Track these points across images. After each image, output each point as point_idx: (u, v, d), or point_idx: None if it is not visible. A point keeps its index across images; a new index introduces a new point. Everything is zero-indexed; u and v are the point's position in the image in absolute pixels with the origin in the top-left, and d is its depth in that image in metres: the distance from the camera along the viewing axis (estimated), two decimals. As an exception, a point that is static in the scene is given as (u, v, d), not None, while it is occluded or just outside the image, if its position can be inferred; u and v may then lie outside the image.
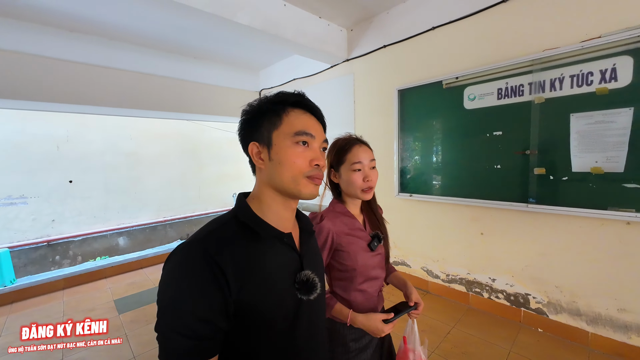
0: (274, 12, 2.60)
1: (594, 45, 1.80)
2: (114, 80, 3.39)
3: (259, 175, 0.63)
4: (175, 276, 0.50)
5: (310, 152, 0.61)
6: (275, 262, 0.59)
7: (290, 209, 0.65)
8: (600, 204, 1.84)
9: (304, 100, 0.63)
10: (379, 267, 1.02)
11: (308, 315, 0.63)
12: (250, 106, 0.63)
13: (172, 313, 0.49)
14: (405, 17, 2.76)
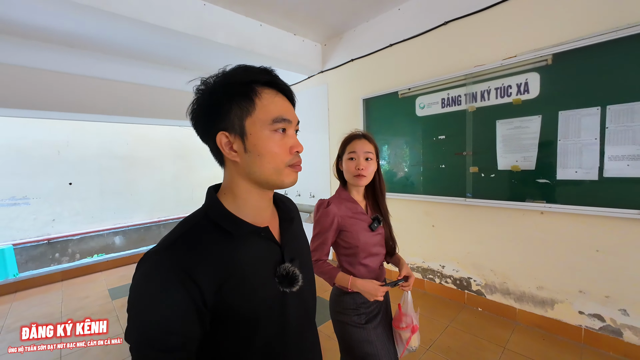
0: (250, 32, 2.94)
1: (511, 63, 2.14)
2: (109, 90, 3.73)
3: (231, 167, 0.57)
4: (142, 287, 0.48)
5: (289, 139, 0.56)
6: (253, 258, 0.56)
7: (267, 198, 0.62)
8: (520, 197, 2.16)
9: (275, 79, 0.56)
10: (379, 245, 1.18)
11: (295, 307, 0.61)
12: (207, 85, 0.54)
13: (141, 326, 0.47)
14: (368, 34, 3.11)
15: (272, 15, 2.94)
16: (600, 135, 1.82)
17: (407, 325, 1.12)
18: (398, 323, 1.15)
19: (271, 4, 2.72)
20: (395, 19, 2.86)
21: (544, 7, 2.00)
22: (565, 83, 1.94)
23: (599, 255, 1.91)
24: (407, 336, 1.13)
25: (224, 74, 0.54)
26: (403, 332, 1.13)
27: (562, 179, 1.98)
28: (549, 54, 1.97)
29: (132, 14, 2.21)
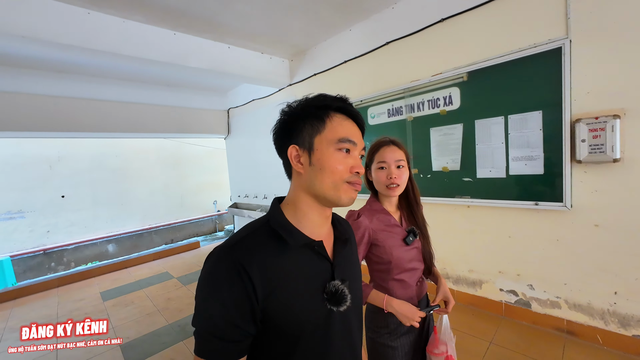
0: (219, 55, 3.28)
1: (438, 79, 2.49)
2: (96, 109, 4.05)
3: (296, 179, 0.62)
4: (207, 280, 0.52)
5: (351, 159, 0.60)
6: (307, 271, 0.58)
7: (325, 215, 0.64)
8: (451, 194, 2.52)
9: (347, 106, 0.62)
10: (415, 260, 1.07)
11: (340, 327, 0.62)
12: (290, 107, 0.62)
13: (204, 314, 0.52)
14: (327, 52, 3.47)
15: (239, 39, 3.28)
16: (505, 140, 2.18)
17: (442, 353, 1.02)
18: (432, 348, 1.04)
19: (236, 31, 3.06)
20: (347, 39, 3.22)
21: (461, 33, 2.36)
22: (478, 96, 2.30)
23: (511, 241, 2.27)
24: None
25: (305, 99, 0.62)
26: (437, 358, 1.03)
27: (480, 177, 2.34)
28: (465, 72, 2.33)
29: (111, 49, 2.54)
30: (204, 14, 2.68)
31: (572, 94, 1.89)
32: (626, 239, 1.79)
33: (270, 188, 4.75)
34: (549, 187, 2.02)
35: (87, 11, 2.42)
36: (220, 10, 2.62)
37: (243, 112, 5.17)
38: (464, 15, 2.32)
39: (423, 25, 2.57)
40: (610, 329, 1.89)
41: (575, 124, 1.84)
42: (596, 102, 1.82)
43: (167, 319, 2.77)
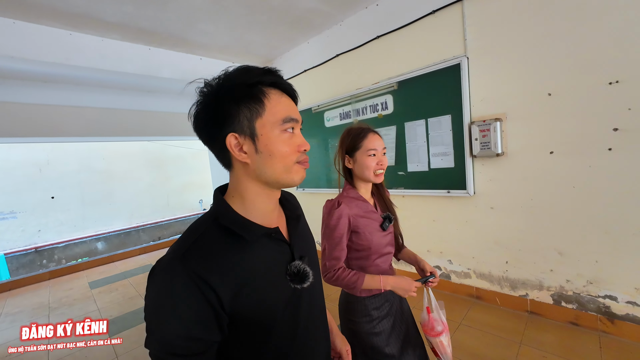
0: (191, 66, 3.65)
1: (376, 87, 2.90)
2: (81, 115, 4.38)
3: (240, 169, 0.56)
4: (161, 295, 0.48)
5: (297, 138, 0.57)
6: (266, 261, 0.56)
7: (275, 198, 0.62)
8: (389, 186, 2.94)
9: (280, 79, 0.57)
10: (389, 245, 1.11)
11: (307, 303, 0.63)
12: (210, 87, 0.54)
13: (161, 334, 0.47)
14: (290, 62, 3.86)
15: (209, 52, 3.65)
16: (427, 139, 2.60)
17: (443, 327, 1.02)
18: (432, 330, 1.03)
19: (205, 45, 3.43)
20: (305, 51, 3.62)
21: (393, 48, 2.77)
22: (406, 102, 2.71)
23: (435, 224, 2.69)
24: (447, 340, 1.03)
25: (227, 76, 0.54)
26: (442, 337, 1.02)
27: (411, 171, 2.76)
28: (395, 82, 2.75)
29: (90, 65, 2.90)
30: (173, 33, 3.05)
31: (471, 101, 2.32)
32: (512, 217, 2.22)
33: (247, 186, 5.13)
34: (458, 178, 2.44)
35: (69, 32, 2.78)
36: (187, 29, 2.99)
37: (222, 116, 5.53)
38: (394, 33, 2.73)
39: (364, 40, 2.98)
40: (505, 292, 2.33)
41: (471, 125, 2.27)
42: (486, 108, 2.25)
43: (147, 301, 3.14)
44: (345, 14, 3.02)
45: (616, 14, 1.70)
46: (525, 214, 2.15)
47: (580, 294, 2.00)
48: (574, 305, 2.03)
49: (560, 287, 2.07)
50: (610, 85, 1.75)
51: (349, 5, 2.85)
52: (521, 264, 2.22)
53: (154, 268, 0.50)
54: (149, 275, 0.50)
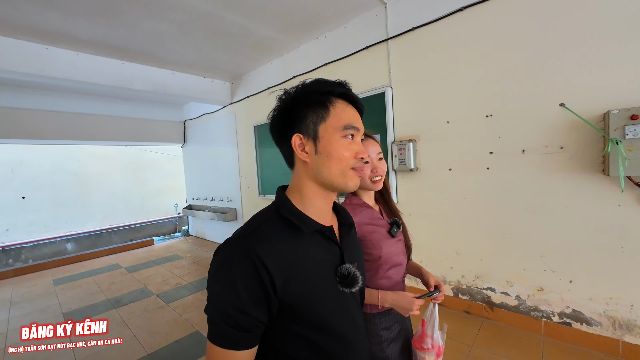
0: (163, 79, 3.96)
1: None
2: (55, 119, 4.58)
3: (301, 168, 0.62)
4: (220, 267, 0.54)
5: (356, 145, 0.61)
6: (318, 256, 0.60)
7: (330, 201, 0.65)
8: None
9: (348, 91, 0.63)
10: (401, 253, 1.03)
11: (353, 307, 0.65)
12: (288, 94, 0.62)
13: (217, 303, 0.53)
14: (256, 79, 4.24)
15: (180, 67, 3.98)
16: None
17: (433, 346, 0.94)
18: (420, 344, 0.96)
19: (175, 61, 3.77)
20: (269, 70, 4.01)
21: (340, 73, 3.18)
22: (346, 122, 3.12)
23: (369, 228, 3.07)
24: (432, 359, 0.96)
25: (304, 85, 0.61)
26: (427, 354, 0.94)
27: (350, 181, 3.15)
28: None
29: (63, 76, 3.17)
30: (144, 50, 3.38)
31: (394, 123, 2.74)
32: (425, 223, 2.63)
33: (218, 191, 5.41)
34: (385, 188, 2.85)
35: (45, 47, 3.06)
36: (156, 47, 3.33)
37: (197, 124, 5.83)
38: (338, 62, 3.16)
39: (316, 66, 3.39)
40: (419, 287, 2.71)
41: (392, 144, 2.69)
42: (404, 130, 2.68)
43: (107, 295, 3.35)
44: (300, 41, 3.43)
45: (492, 62, 2.16)
46: (434, 220, 2.56)
47: (471, 287, 2.40)
48: (467, 296, 2.43)
49: (457, 281, 2.48)
50: (487, 117, 2.20)
51: (301, 35, 3.27)
52: (431, 262, 2.62)
53: (221, 245, 0.56)
54: (215, 252, 0.56)
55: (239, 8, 2.63)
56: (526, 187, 2.07)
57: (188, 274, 3.91)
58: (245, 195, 4.75)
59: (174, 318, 2.72)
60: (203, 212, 5.54)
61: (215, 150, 5.31)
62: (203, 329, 2.49)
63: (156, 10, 2.57)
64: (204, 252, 5.04)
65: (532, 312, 2.12)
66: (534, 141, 2.02)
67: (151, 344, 2.30)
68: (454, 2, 2.28)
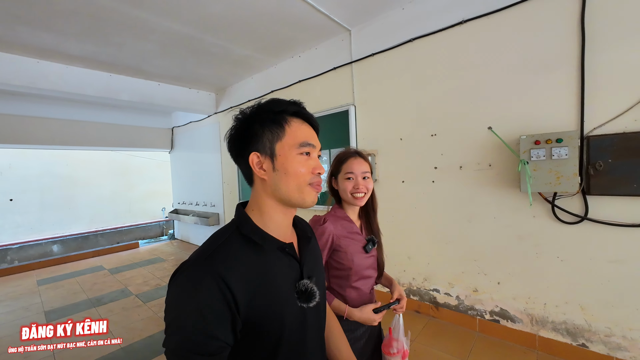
0: (149, 91, 4.19)
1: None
2: (45, 125, 4.77)
3: (260, 185, 0.63)
4: (184, 293, 0.52)
5: (312, 161, 0.63)
6: (280, 273, 0.61)
7: (290, 217, 0.67)
8: (305, 201, 3.56)
9: (302, 109, 0.65)
10: (371, 268, 1.11)
11: (312, 322, 0.66)
12: (243, 114, 0.64)
13: (182, 332, 0.50)
14: (239, 91, 4.50)
15: (166, 79, 4.23)
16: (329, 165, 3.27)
17: (398, 350, 1.06)
18: (388, 348, 1.07)
19: (162, 75, 4.01)
20: (250, 84, 4.28)
21: (313, 90, 3.46)
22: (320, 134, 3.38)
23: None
24: None
25: (259, 105, 0.64)
26: (394, 358, 1.06)
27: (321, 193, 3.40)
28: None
29: (53, 87, 3.39)
30: (130, 65, 3.61)
31: (357, 138, 3.02)
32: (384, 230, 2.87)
33: (202, 196, 5.61)
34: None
35: (36, 60, 3.28)
36: (142, 63, 3.57)
37: (184, 131, 6.06)
38: (311, 80, 3.44)
39: (291, 82, 3.66)
40: (377, 289, 2.95)
41: (355, 157, 2.95)
42: (366, 144, 2.95)
43: (88, 295, 3.52)
44: (277, 59, 3.71)
45: (435, 87, 2.45)
46: (390, 227, 2.81)
47: (420, 288, 2.66)
48: (417, 297, 2.68)
49: (409, 283, 2.73)
50: (432, 136, 2.49)
51: (278, 54, 3.55)
52: (389, 266, 2.87)
53: (177, 270, 0.55)
54: (171, 277, 0.55)
55: (217, 32, 2.90)
56: (463, 199, 2.35)
57: (168, 276, 4.09)
58: (227, 201, 4.97)
59: (149, 316, 2.92)
60: (188, 216, 5.73)
61: (200, 157, 5.54)
62: (175, 325, 2.69)
63: (141, 32, 2.82)
64: (187, 255, 5.18)
65: (469, 310, 2.38)
66: (469, 158, 2.30)
67: (126, 339, 2.49)
68: (405, 33, 2.58)
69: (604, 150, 1.72)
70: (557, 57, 1.90)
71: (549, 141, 1.80)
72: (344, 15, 2.73)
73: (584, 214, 1.84)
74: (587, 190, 1.80)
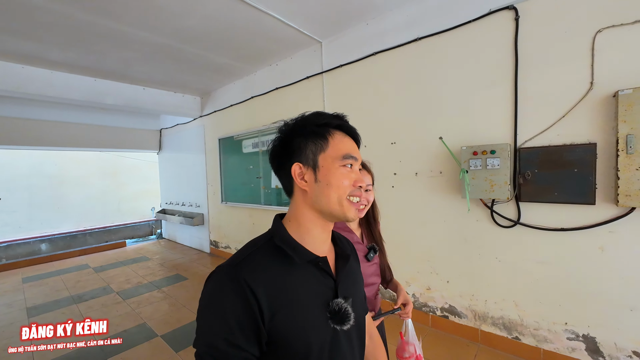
0: (134, 94, 4.33)
1: (274, 126, 3.73)
2: (34, 127, 4.88)
3: (300, 196, 0.63)
4: (211, 300, 0.53)
5: (354, 174, 0.62)
6: (310, 288, 0.59)
7: (328, 231, 0.66)
8: (279, 203, 3.72)
9: (345, 123, 0.65)
10: (374, 275, 1.13)
11: (345, 346, 0.62)
12: (287, 126, 0.64)
13: (207, 336, 0.52)
14: (221, 97, 4.65)
15: (151, 84, 4.36)
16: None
17: (411, 355, 1.05)
18: (402, 353, 1.08)
19: (146, 79, 4.15)
20: (232, 90, 4.44)
21: (283, 99, 3.62)
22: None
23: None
24: None
25: (303, 117, 0.64)
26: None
27: (295, 193, 3.57)
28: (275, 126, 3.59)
29: (39, 92, 3.52)
30: (115, 71, 3.75)
31: (327, 145, 3.18)
32: (349, 231, 3.05)
33: (188, 197, 5.75)
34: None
35: (21, 66, 3.41)
36: (126, 69, 3.71)
37: (172, 133, 6.19)
38: (285, 88, 3.60)
39: (269, 89, 3.82)
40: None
41: (324, 163, 3.12)
42: (334, 151, 3.11)
43: (71, 292, 3.65)
44: (256, 67, 3.87)
45: (394, 99, 2.62)
46: (356, 229, 2.98)
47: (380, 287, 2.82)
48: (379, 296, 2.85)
49: (372, 282, 2.90)
50: (392, 144, 2.66)
51: (256, 63, 3.71)
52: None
53: (212, 273, 0.56)
54: (206, 280, 0.56)
55: (195, 43, 3.05)
56: (419, 204, 2.52)
57: (150, 274, 4.23)
58: (212, 202, 5.11)
59: (127, 312, 3.06)
60: (174, 216, 5.87)
61: (187, 159, 5.67)
62: (151, 321, 2.84)
63: (120, 42, 2.97)
64: (172, 254, 5.36)
65: (423, 307, 2.55)
66: (424, 166, 2.48)
67: (101, 333, 2.64)
68: (368, 47, 2.75)
69: (532, 162, 1.90)
70: (496, 76, 2.08)
71: (484, 152, 1.99)
72: (314, 29, 2.90)
73: (517, 219, 2.02)
74: (519, 197, 1.99)
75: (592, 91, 1.74)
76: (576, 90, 1.79)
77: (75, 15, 2.47)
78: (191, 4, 2.38)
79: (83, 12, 2.42)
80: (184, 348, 2.37)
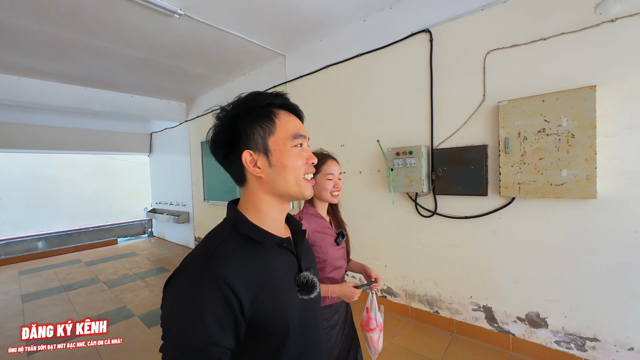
0: (122, 101, 4.69)
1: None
2: (28, 131, 5.25)
3: (255, 183, 0.61)
4: (182, 298, 0.50)
5: (305, 152, 0.62)
6: (279, 269, 0.60)
7: (285, 212, 0.67)
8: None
9: (288, 101, 0.63)
10: (342, 258, 1.24)
11: (312, 313, 0.66)
12: (225, 111, 0.61)
13: (179, 338, 0.48)
14: (205, 102, 5.02)
15: (138, 91, 4.73)
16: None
17: (376, 325, 1.15)
18: (367, 326, 1.16)
19: (132, 87, 4.51)
20: (213, 96, 4.81)
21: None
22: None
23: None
24: (377, 336, 1.17)
25: (241, 100, 0.61)
26: (373, 333, 1.15)
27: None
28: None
29: (33, 100, 3.88)
30: (101, 80, 4.12)
31: (291, 147, 3.54)
32: (309, 224, 3.40)
33: (175, 197, 6.11)
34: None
35: (17, 77, 3.77)
36: (112, 78, 4.07)
37: (161, 137, 6.55)
38: (258, 95, 3.96)
39: (244, 96, 4.18)
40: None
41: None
42: (296, 152, 3.47)
43: (62, 283, 4.00)
44: (231, 77, 4.24)
45: (343, 106, 2.98)
46: (315, 222, 3.33)
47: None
48: (333, 280, 3.19)
49: (328, 269, 3.24)
50: (342, 146, 3.02)
51: (230, 73, 4.07)
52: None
53: (174, 273, 0.54)
54: (166, 282, 0.54)
55: (170, 56, 3.42)
56: (362, 199, 2.87)
57: (136, 267, 4.58)
58: (196, 201, 5.47)
59: (110, 298, 3.41)
60: (163, 215, 6.22)
61: (174, 161, 6.03)
62: (130, 304, 3.19)
63: (102, 55, 3.33)
64: (159, 250, 5.71)
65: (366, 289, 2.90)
66: (365, 165, 2.83)
67: (85, 313, 2.98)
68: (323, 60, 3.12)
69: (442, 161, 2.26)
70: (418, 88, 2.44)
71: (404, 153, 2.34)
72: (276, 44, 3.26)
73: (435, 210, 2.37)
74: (435, 191, 2.34)
75: (484, 102, 2.09)
76: (474, 100, 2.15)
77: (58, 34, 2.82)
78: (160, 24, 2.74)
79: (64, 30, 2.75)
80: (155, 325, 2.72)
